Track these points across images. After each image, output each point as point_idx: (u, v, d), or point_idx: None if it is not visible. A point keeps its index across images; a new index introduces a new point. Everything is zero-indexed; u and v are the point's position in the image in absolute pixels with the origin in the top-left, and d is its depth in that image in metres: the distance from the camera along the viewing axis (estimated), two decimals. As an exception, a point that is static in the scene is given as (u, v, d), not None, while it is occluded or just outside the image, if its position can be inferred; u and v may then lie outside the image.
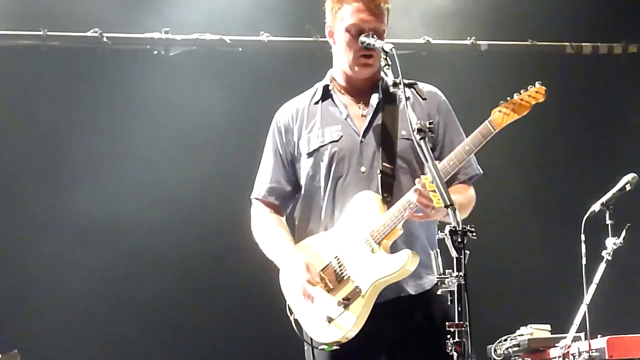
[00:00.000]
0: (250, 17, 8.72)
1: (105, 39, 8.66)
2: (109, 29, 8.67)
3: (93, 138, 8.39)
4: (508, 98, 4.06)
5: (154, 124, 8.21)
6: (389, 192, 4.49)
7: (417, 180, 4.03)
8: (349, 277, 4.45)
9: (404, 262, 4.30)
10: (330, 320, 4.46)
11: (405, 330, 4.46)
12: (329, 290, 4.46)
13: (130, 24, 8.66)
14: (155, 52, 8.72)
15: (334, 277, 4.48)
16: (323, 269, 4.40)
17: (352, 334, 4.33)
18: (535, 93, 4.06)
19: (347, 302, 4.43)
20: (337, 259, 4.46)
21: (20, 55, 8.65)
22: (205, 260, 8.16)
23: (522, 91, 4.02)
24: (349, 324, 4.42)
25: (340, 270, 4.47)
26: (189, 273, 8.48)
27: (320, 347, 4.45)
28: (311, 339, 4.46)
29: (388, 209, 4.32)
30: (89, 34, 8.62)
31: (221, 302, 8.40)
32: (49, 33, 8.53)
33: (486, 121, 4.08)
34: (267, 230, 4.66)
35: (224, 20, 8.68)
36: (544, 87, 4.02)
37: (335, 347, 4.35)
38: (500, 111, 4.07)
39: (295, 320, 4.53)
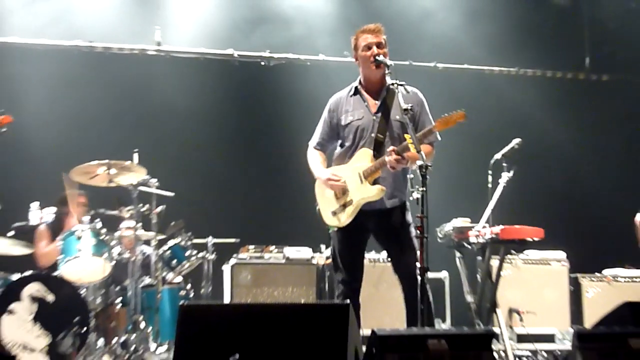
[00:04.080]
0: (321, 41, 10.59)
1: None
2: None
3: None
4: (445, 114, 5.75)
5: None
6: (378, 150, 6.06)
7: (391, 148, 5.79)
8: (348, 192, 6.13)
9: (375, 192, 6.02)
10: (334, 213, 6.21)
11: (383, 224, 6.15)
12: (336, 197, 6.19)
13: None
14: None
15: (340, 190, 6.17)
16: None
17: (345, 223, 6.13)
18: (457, 116, 5.74)
19: (344, 206, 6.15)
20: (343, 181, 6.13)
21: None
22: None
23: (451, 112, 5.71)
24: (343, 218, 6.16)
25: (344, 187, 6.15)
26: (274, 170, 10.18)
27: (329, 227, 6.31)
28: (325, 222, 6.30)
29: (375, 160, 6.03)
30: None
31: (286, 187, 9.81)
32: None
33: (433, 123, 5.90)
34: (314, 159, 6.43)
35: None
36: (464, 112, 5.70)
37: (336, 229, 6.22)
38: (440, 121, 5.79)
39: (318, 210, 6.36)
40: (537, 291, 8.61)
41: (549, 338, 8.52)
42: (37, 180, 8.70)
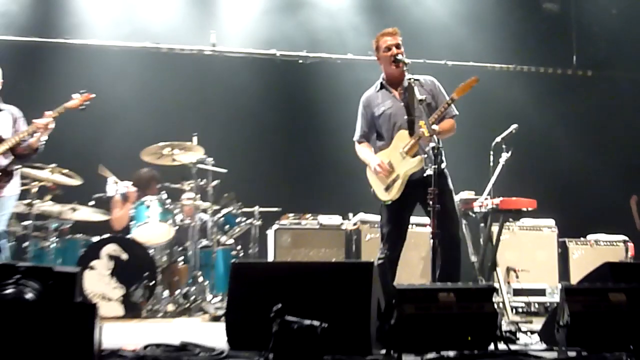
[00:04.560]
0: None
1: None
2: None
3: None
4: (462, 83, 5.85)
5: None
6: (411, 129, 6.01)
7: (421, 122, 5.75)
8: (395, 169, 6.03)
9: (416, 163, 5.94)
10: (386, 189, 6.08)
11: (427, 191, 5.75)
12: (386, 176, 6.06)
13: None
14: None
15: (387, 169, 6.06)
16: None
17: (397, 196, 6.03)
18: (471, 81, 5.88)
19: (393, 182, 6.03)
20: (390, 163, 6.05)
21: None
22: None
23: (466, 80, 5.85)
24: (394, 192, 6.04)
25: (391, 166, 6.05)
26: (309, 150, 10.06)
27: (384, 202, 6.16)
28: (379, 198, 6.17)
29: (411, 137, 5.97)
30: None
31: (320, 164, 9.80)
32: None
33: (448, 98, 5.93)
34: (363, 150, 6.34)
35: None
36: (477, 77, 5.86)
37: (390, 202, 6.08)
38: (457, 89, 5.84)
39: (373, 192, 6.22)
40: (530, 253, 8.62)
41: (541, 292, 8.54)
42: (113, 159, 8.69)
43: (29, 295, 3.04)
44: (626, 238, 9.05)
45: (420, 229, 7.98)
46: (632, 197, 10.26)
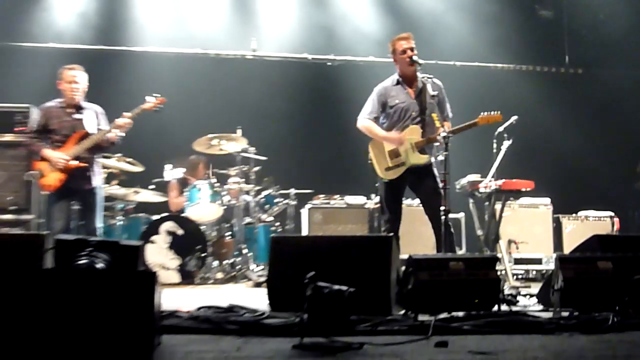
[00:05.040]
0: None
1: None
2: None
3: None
4: (486, 113, 5.94)
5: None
6: (422, 125, 6.12)
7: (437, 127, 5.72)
8: (401, 156, 6.07)
9: (424, 159, 6.03)
10: (387, 169, 6.15)
11: (418, 177, 6.14)
12: (391, 158, 6.13)
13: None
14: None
15: (395, 152, 6.09)
16: (392, 149, 6.13)
17: (393, 178, 6.09)
18: (496, 117, 6.02)
19: (397, 166, 6.11)
20: (397, 149, 6.09)
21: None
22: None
23: (492, 112, 5.92)
24: (395, 174, 6.10)
25: (399, 153, 6.10)
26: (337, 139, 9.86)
27: (382, 178, 6.15)
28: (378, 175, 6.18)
29: (422, 132, 6.07)
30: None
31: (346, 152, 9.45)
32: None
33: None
34: (373, 126, 6.24)
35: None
36: (500, 115, 5.96)
37: (386, 181, 6.10)
38: (482, 117, 5.91)
39: (370, 163, 6.17)
40: (528, 227, 8.56)
41: (538, 261, 8.50)
42: (169, 149, 8.74)
43: (100, 265, 3.08)
44: (612, 214, 8.97)
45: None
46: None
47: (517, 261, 8.38)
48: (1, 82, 9.11)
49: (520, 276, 8.43)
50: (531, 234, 8.51)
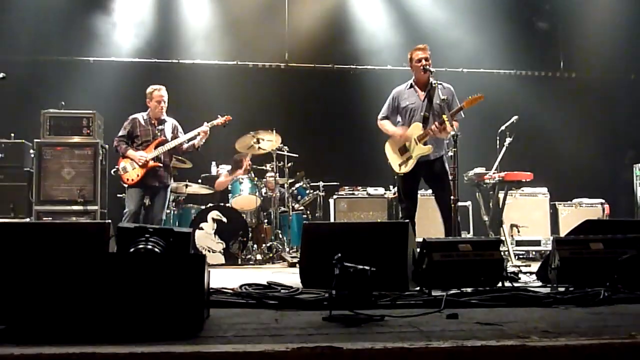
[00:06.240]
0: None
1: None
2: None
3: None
4: (470, 96, 5.69)
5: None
6: (425, 123, 6.06)
7: (437, 123, 5.76)
8: (408, 151, 6.09)
9: (427, 149, 6.00)
10: (400, 165, 6.12)
11: (430, 170, 6.11)
12: (401, 154, 6.13)
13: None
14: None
15: (404, 148, 6.12)
16: (400, 146, 6.14)
17: (408, 170, 6.04)
18: (478, 97, 5.64)
19: (407, 160, 6.08)
20: (404, 145, 6.12)
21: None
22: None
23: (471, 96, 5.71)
24: (407, 167, 6.09)
25: (406, 148, 6.11)
26: (360, 137, 9.57)
27: (397, 173, 6.16)
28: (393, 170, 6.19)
29: (424, 129, 5.96)
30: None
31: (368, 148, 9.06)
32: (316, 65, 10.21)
33: (461, 104, 5.79)
34: (387, 124, 6.27)
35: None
36: (483, 95, 5.60)
37: (402, 175, 6.08)
38: (466, 101, 5.66)
39: (389, 163, 6.22)
40: (528, 213, 8.50)
41: (537, 243, 8.44)
42: (214, 147, 8.69)
43: (157, 249, 3.10)
44: (603, 201, 8.92)
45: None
46: None
47: (519, 243, 8.32)
48: (70, 92, 9.14)
49: (521, 256, 8.39)
50: (531, 219, 8.43)
